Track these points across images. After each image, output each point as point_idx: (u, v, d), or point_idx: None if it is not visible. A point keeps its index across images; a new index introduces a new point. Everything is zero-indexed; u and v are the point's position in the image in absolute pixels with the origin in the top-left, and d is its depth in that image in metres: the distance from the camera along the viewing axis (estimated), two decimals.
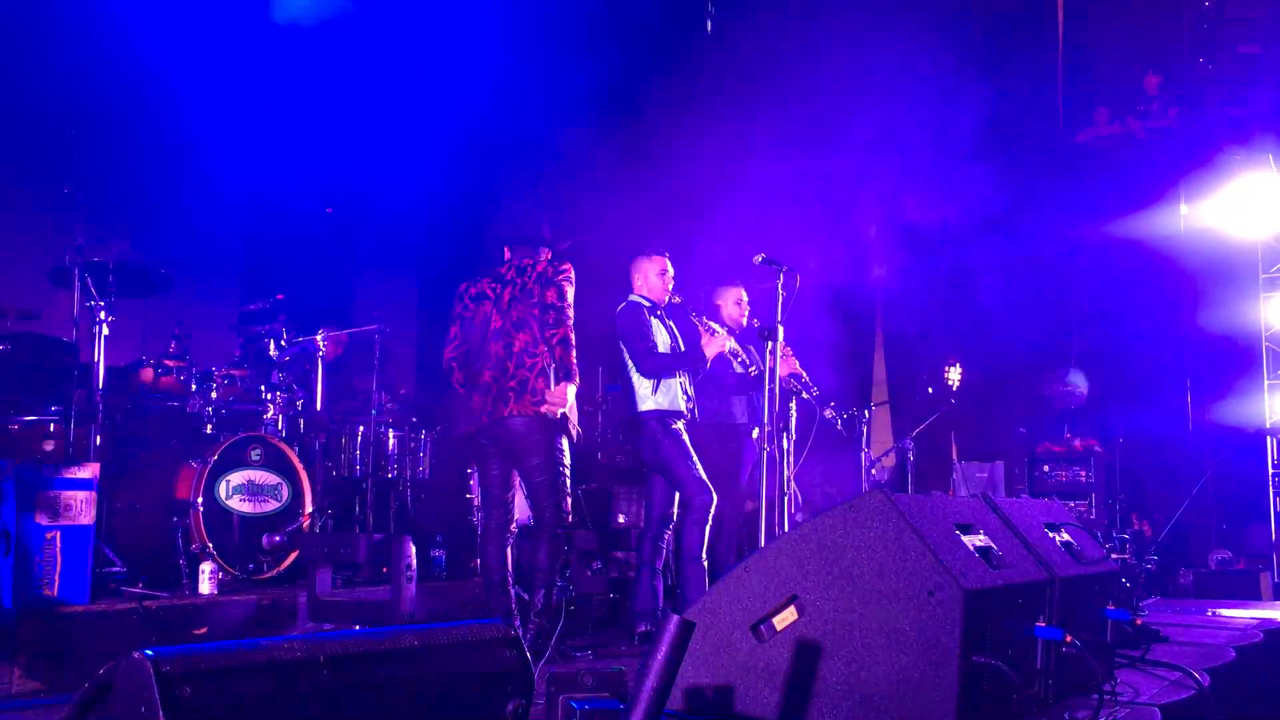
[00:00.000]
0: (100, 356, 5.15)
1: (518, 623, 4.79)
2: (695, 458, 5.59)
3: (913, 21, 9.74)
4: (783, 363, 5.90)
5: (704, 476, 5.55)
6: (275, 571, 5.63)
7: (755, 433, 6.19)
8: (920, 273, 9.92)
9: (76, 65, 7.34)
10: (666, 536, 5.69)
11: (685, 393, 5.73)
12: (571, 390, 4.87)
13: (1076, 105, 10.49)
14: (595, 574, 7.16)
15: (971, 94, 9.44)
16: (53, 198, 5.26)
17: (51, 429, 5.37)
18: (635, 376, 5.68)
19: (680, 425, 5.66)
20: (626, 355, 5.71)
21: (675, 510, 5.65)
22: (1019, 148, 9.74)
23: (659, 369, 5.62)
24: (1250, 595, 7.38)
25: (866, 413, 7.66)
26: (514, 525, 5.06)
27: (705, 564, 5.53)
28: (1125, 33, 10.37)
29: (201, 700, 2.20)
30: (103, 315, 5.17)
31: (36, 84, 7.18)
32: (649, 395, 5.63)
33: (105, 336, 5.18)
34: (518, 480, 5.05)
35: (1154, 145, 9.90)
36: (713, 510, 5.52)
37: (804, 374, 6.36)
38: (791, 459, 5.91)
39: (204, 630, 4.76)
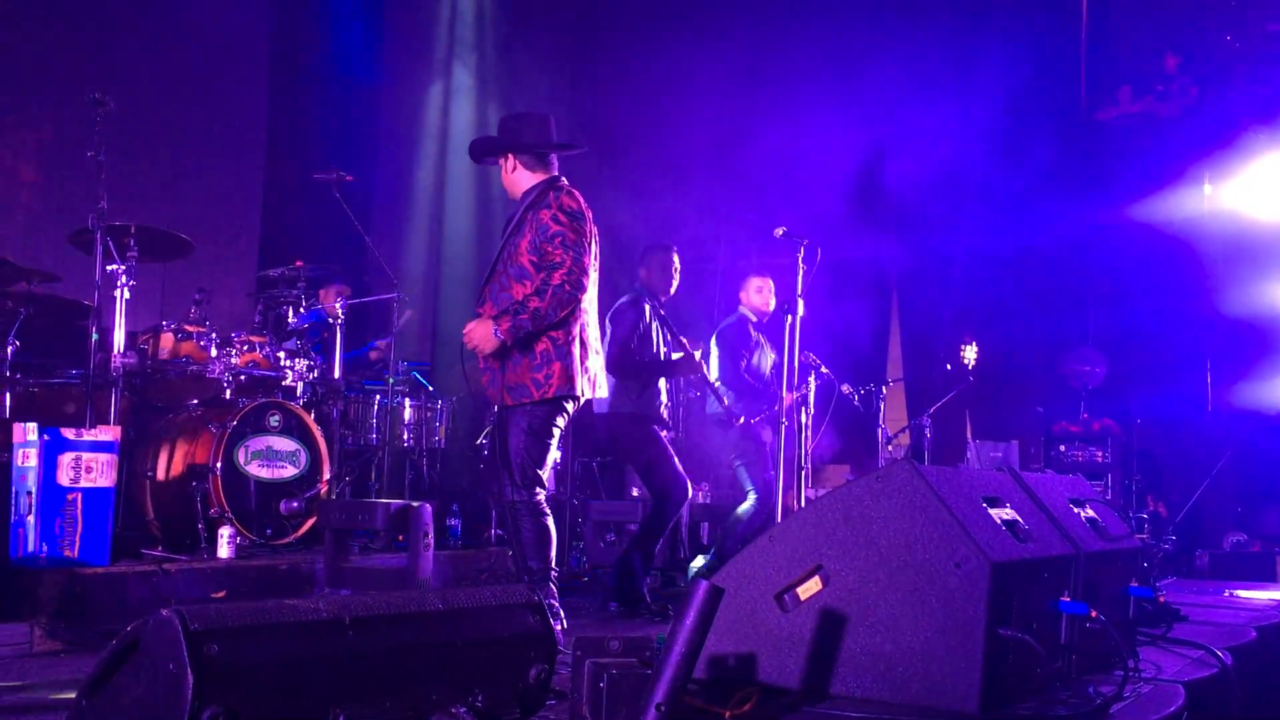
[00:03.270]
0: (121, 320, 5.14)
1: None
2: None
3: None
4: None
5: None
6: (292, 537, 5.65)
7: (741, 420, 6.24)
8: (938, 250, 9.87)
9: (100, 25, 7.35)
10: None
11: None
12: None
13: (1099, 83, 10.38)
14: (609, 546, 7.19)
15: (993, 71, 9.35)
16: (77, 161, 5.24)
17: (73, 392, 5.39)
18: None
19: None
20: None
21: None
22: (1040, 125, 9.65)
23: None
24: (1266, 577, 7.35)
25: (884, 389, 7.64)
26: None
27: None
28: (1151, 9, 10.25)
29: (229, 658, 2.20)
30: (124, 279, 5.16)
31: (61, 45, 7.19)
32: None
33: (126, 300, 5.17)
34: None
35: (1177, 125, 9.79)
36: None
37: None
38: (810, 433, 5.90)
39: (222, 594, 4.77)
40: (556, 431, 4.24)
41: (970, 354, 8.29)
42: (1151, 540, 7.08)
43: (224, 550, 5.09)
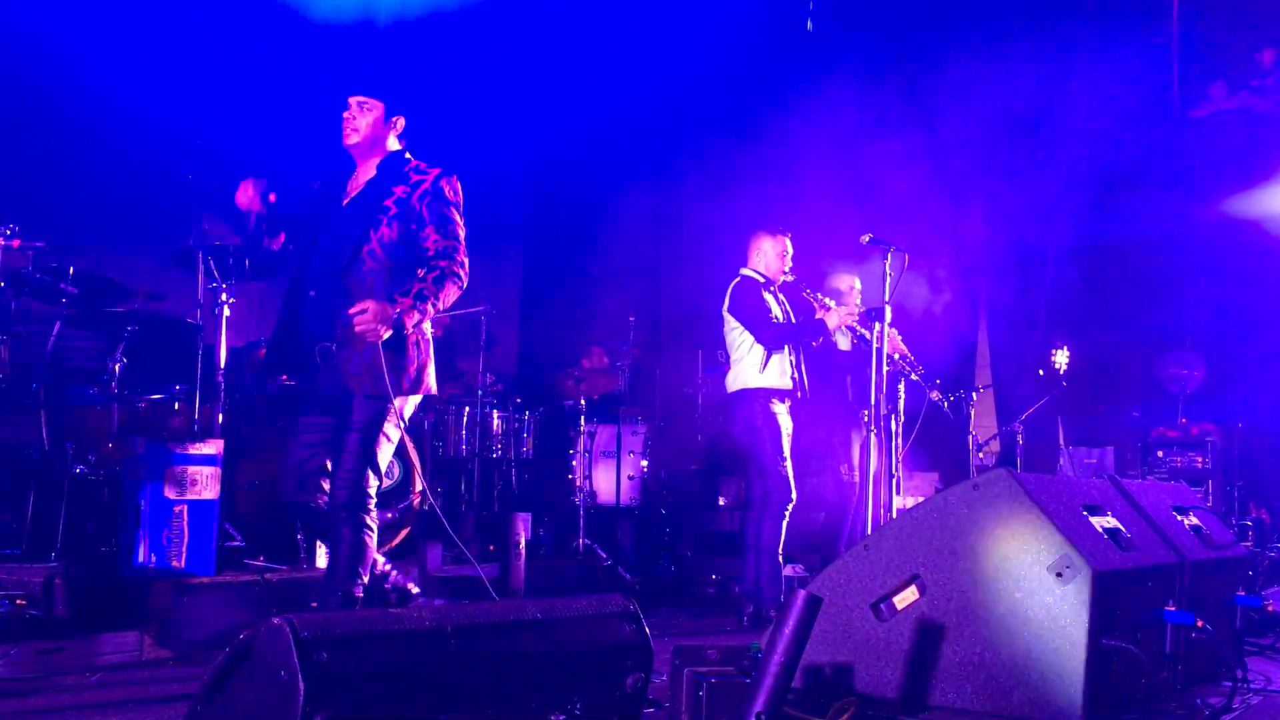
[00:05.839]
0: (223, 337, 5.29)
1: None
2: (786, 451, 5.55)
3: None
4: (890, 342, 5.86)
5: (789, 474, 5.52)
6: (387, 547, 5.74)
7: (866, 415, 6.15)
8: (1026, 252, 9.71)
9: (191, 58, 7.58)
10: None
11: (792, 372, 5.69)
12: None
13: (1192, 80, 10.14)
14: (696, 555, 7.20)
15: (1085, 69, 9.18)
16: (178, 183, 5.41)
17: (177, 407, 5.55)
18: (743, 352, 5.65)
19: (783, 407, 5.62)
20: (737, 329, 5.69)
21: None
22: (1132, 123, 9.44)
23: (779, 337, 5.58)
24: None
25: (973, 395, 7.52)
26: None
27: (780, 559, 5.54)
28: (1245, 3, 9.99)
29: (337, 665, 2.26)
30: (224, 297, 5.31)
31: (160, 71, 7.42)
32: (755, 374, 5.60)
33: (227, 318, 5.32)
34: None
35: (1274, 120, 9.52)
36: (789, 509, 5.51)
37: (909, 354, 6.27)
38: (900, 440, 5.84)
39: None
40: (402, 429, 3.87)
41: (1062, 359, 8.12)
42: (1256, 548, 6.86)
43: (322, 561, 5.20)
